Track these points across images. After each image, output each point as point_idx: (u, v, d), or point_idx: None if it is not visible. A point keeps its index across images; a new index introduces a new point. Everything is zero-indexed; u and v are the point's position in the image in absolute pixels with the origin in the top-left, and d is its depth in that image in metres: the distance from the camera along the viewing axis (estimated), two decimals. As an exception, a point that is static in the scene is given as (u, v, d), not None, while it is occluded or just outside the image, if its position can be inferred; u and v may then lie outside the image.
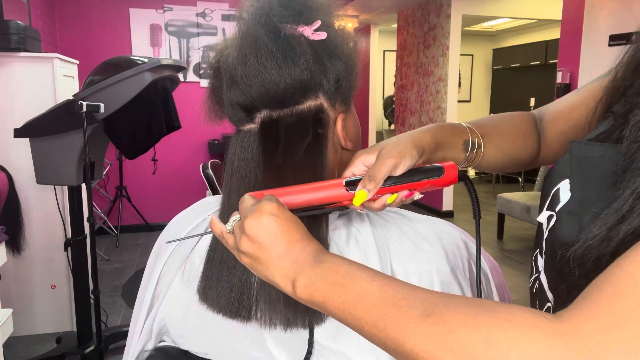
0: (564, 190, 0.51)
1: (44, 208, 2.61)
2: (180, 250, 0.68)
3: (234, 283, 0.60)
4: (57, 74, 2.56)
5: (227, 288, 0.60)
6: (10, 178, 2.28)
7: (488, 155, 0.67)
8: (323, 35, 0.60)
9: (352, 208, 0.58)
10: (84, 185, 2.18)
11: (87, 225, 2.17)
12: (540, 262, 0.55)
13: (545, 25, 7.09)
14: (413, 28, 5.84)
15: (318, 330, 0.59)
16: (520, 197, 4.29)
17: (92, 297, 2.24)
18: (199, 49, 4.69)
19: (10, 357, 2.47)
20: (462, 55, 6.78)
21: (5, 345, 2.13)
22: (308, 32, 0.59)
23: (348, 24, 0.65)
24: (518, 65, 7.49)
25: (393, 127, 7.70)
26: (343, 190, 0.56)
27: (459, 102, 5.74)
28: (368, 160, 0.58)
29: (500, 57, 7.97)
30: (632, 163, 0.43)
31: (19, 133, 2.09)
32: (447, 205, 5.48)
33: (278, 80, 0.59)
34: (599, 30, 3.59)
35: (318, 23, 0.60)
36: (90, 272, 2.14)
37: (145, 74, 1.98)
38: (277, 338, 0.60)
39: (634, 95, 0.49)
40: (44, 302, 2.69)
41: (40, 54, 2.59)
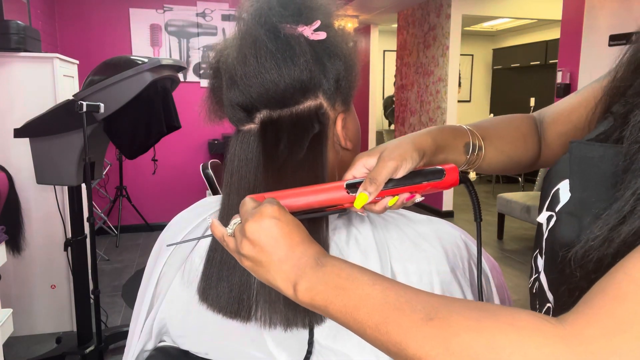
0: (564, 191, 0.51)
1: (44, 208, 2.61)
2: (181, 250, 0.68)
3: (234, 283, 0.60)
4: (57, 74, 2.56)
5: (227, 288, 0.60)
6: (10, 178, 2.28)
7: (489, 158, 0.66)
8: (323, 35, 0.60)
9: (353, 211, 0.58)
10: (84, 185, 2.18)
11: (87, 225, 2.17)
12: (540, 262, 0.55)
13: (545, 25, 7.09)
14: (413, 28, 5.84)
15: (318, 330, 0.59)
16: (520, 197, 4.29)
17: (92, 297, 2.24)
18: (199, 49, 4.69)
19: (10, 357, 2.47)
20: (462, 55, 6.78)
21: (5, 345, 2.13)
22: (308, 32, 0.59)
23: (348, 24, 0.65)
24: (518, 65, 7.49)
25: (393, 127, 7.70)
26: (344, 193, 0.55)
27: (459, 102, 5.74)
28: (369, 163, 0.58)
29: (500, 57, 7.97)
30: (632, 164, 0.43)
31: (19, 133, 2.09)
32: (447, 206, 5.49)
33: (278, 80, 0.58)
34: (599, 30, 3.59)
35: (318, 23, 0.60)
36: (90, 272, 2.14)
37: (145, 74, 1.98)
38: (277, 338, 0.60)
39: (634, 96, 0.49)
40: (44, 302, 2.69)
41: (40, 54, 2.59)
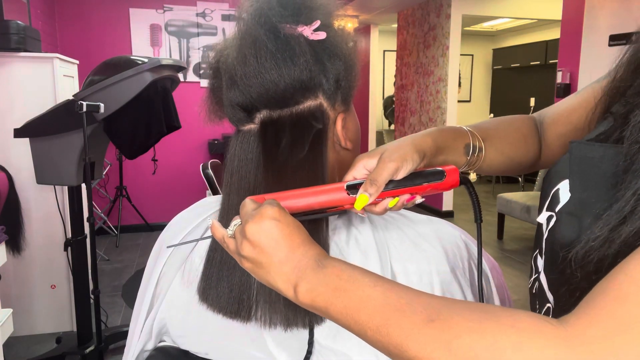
0: (564, 191, 0.51)
1: (44, 208, 2.61)
2: (181, 251, 0.68)
3: (234, 283, 0.60)
4: (57, 74, 2.56)
5: (227, 288, 0.60)
6: (10, 178, 2.28)
7: (489, 159, 0.66)
8: (322, 35, 0.60)
9: (353, 212, 0.58)
10: (84, 185, 2.18)
11: (87, 225, 2.17)
12: (540, 262, 0.55)
13: (545, 25, 7.09)
14: (413, 28, 5.84)
15: (318, 330, 0.59)
16: (520, 197, 4.29)
17: (92, 297, 2.24)
18: (199, 49, 4.69)
19: (10, 357, 2.47)
20: (462, 55, 6.78)
21: (5, 345, 2.13)
22: (307, 32, 0.59)
23: (348, 24, 0.65)
24: (518, 65, 7.48)
25: (393, 127, 7.70)
26: (344, 194, 0.55)
27: (459, 102, 5.74)
28: (369, 164, 0.58)
29: (500, 57, 7.96)
30: (633, 164, 0.43)
31: (19, 133, 2.09)
32: (447, 205, 5.49)
33: (277, 81, 0.58)
34: (599, 30, 3.59)
35: (317, 23, 0.60)
36: (90, 272, 2.14)
37: (145, 74, 1.98)
38: (277, 338, 0.60)
39: (634, 96, 0.49)
40: (44, 302, 2.69)
41: (40, 54, 2.59)
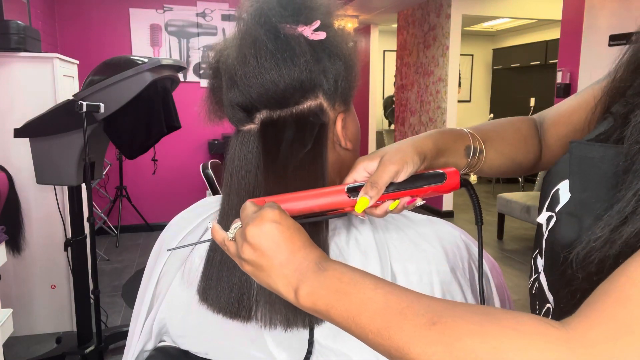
0: (564, 191, 0.51)
1: (44, 208, 2.61)
2: (181, 251, 0.68)
3: (234, 283, 0.60)
4: (57, 74, 2.56)
5: (227, 288, 0.60)
6: (10, 178, 2.28)
7: (490, 161, 0.66)
8: (322, 35, 0.60)
9: (353, 214, 0.57)
10: (84, 185, 2.18)
11: (87, 225, 2.17)
12: (540, 263, 0.55)
13: (545, 25, 7.09)
14: (413, 28, 5.84)
15: (318, 330, 0.59)
16: (520, 197, 4.29)
17: (92, 297, 2.24)
18: (199, 49, 4.69)
19: (10, 357, 2.47)
20: (462, 55, 6.78)
21: (5, 345, 2.13)
22: (307, 32, 0.59)
23: (348, 24, 0.65)
24: (518, 65, 7.49)
25: (393, 127, 7.70)
26: (345, 197, 0.55)
27: (459, 102, 5.74)
28: (370, 167, 0.57)
29: (500, 57, 7.96)
30: (633, 164, 0.43)
31: (19, 133, 2.09)
32: (447, 205, 5.49)
33: (277, 81, 0.58)
34: (599, 30, 3.59)
35: (317, 23, 0.60)
36: (90, 272, 2.14)
37: (145, 74, 1.98)
38: (277, 338, 0.60)
39: (634, 96, 0.49)
40: (44, 302, 2.69)
41: (40, 54, 2.59)
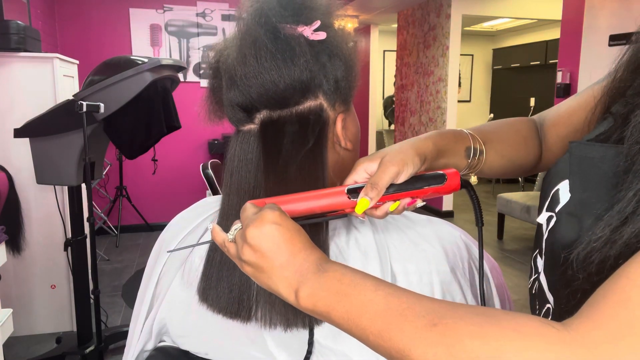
0: (564, 191, 0.51)
1: (44, 208, 2.61)
2: (181, 251, 0.68)
3: (234, 283, 0.60)
4: (57, 74, 2.56)
5: (227, 288, 0.60)
6: (10, 178, 2.28)
7: (490, 162, 0.66)
8: (322, 36, 0.60)
9: (354, 216, 0.57)
10: (84, 185, 2.18)
11: (87, 225, 2.17)
12: (540, 263, 0.55)
13: (545, 25, 7.09)
14: (413, 28, 5.84)
15: (318, 330, 0.59)
16: (520, 197, 4.29)
17: (92, 297, 2.24)
18: (199, 49, 4.69)
19: (10, 357, 2.47)
20: (462, 55, 6.77)
21: (5, 345, 2.13)
22: (307, 32, 0.59)
23: (348, 24, 0.65)
24: (518, 65, 7.48)
25: (393, 127, 7.70)
26: (345, 198, 0.55)
27: (459, 102, 5.74)
28: (370, 168, 0.57)
29: (500, 57, 7.96)
30: (634, 164, 0.43)
31: (19, 133, 2.09)
32: (447, 205, 5.49)
33: (278, 81, 0.58)
34: (599, 30, 3.59)
35: (317, 23, 0.60)
36: (90, 272, 2.14)
37: (145, 74, 1.98)
38: (277, 338, 0.60)
39: (634, 96, 0.49)
40: (44, 302, 2.69)
41: (40, 54, 2.59)
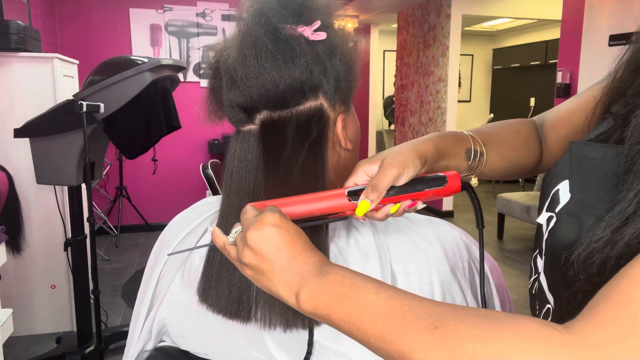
0: (564, 192, 0.51)
1: (44, 208, 2.61)
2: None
3: (234, 284, 0.60)
4: (57, 74, 2.56)
5: (226, 289, 0.60)
6: (10, 178, 2.28)
7: (490, 163, 0.66)
8: (323, 36, 0.60)
9: (354, 218, 0.57)
10: (84, 185, 2.18)
11: (87, 225, 2.17)
12: (540, 263, 0.55)
13: (545, 25, 7.09)
14: (413, 28, 5.84)
15: (318, 331, 0.59)
16: (520, 197, 4.29)
17: (92, 297, 2.24)
18: (199, 49, 4.69)
19: (10, 357, 2.47)
20: (462, 55, 6.77)
21: (5, 345, 2.13)
22: (308, 32, 0.59)
23: (348, 24, 0.65)
24: (518, 65, 7.48)
25: (393, 127, 7.70)
26: (345, 201, 0.55)
27: (459, 102, 5.74)
28: (370, 170, 0.57)
29: (500, 57, 7.96)
30: (634, 165, 0.43)
31: (19, 133, 2.09)
32: (447, 206, 5.49)
33: (278, 81, 0.58)
34: (599, 30, 3.59)
35: (318, 23, 0.60)
36: (90, 272, 2.14)
37: (145, 74, 1.98)
38: (276, 338, 0.60)
39: (634, 96, 0.49)
40: (44, 302, 2.69)
41: (40, 54, 2.59)
